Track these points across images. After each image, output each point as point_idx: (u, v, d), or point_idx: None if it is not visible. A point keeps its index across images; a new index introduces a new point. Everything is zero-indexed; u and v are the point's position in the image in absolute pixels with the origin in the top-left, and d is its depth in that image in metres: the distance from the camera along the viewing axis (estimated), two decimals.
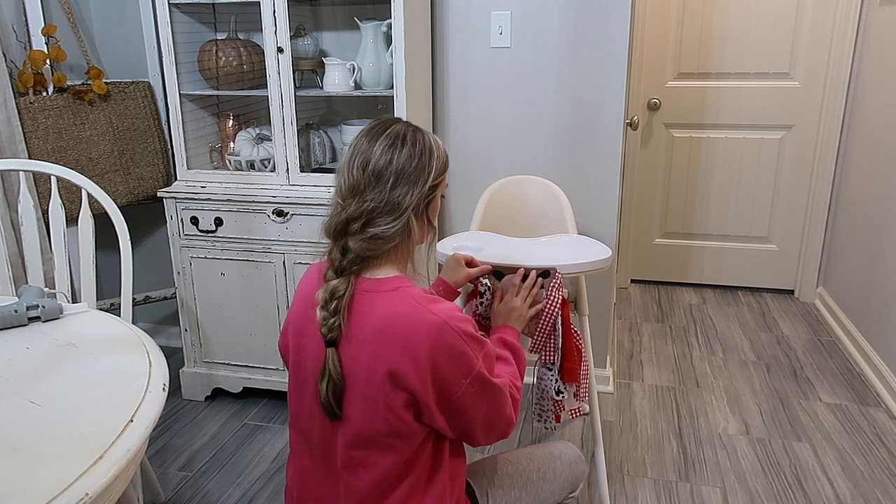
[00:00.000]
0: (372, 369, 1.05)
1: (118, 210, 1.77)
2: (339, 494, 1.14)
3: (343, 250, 1.09)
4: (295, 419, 1.20)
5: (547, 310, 1.57)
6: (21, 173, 1.79)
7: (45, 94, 2.26)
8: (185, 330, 2.37)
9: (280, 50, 2.07)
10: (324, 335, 1.07)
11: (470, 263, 1.57)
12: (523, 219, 2.09)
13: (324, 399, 1.08)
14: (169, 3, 2.12)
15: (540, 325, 1.59)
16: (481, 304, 1.60)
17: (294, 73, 2.11)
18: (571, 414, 2.38)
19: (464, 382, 1.06)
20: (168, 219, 2.27)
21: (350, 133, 2.20)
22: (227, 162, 2.33)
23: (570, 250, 1.75)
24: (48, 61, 2.25)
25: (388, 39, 2.09)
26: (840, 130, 3.15)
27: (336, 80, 2.14)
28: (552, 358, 1.60)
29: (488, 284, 1.58)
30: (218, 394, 2.47)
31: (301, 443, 1.20)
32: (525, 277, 1.51)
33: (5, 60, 2.15)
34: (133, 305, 2.06)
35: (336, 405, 1.08)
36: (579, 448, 2.16)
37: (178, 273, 2.31)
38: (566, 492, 1.43)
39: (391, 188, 1.09)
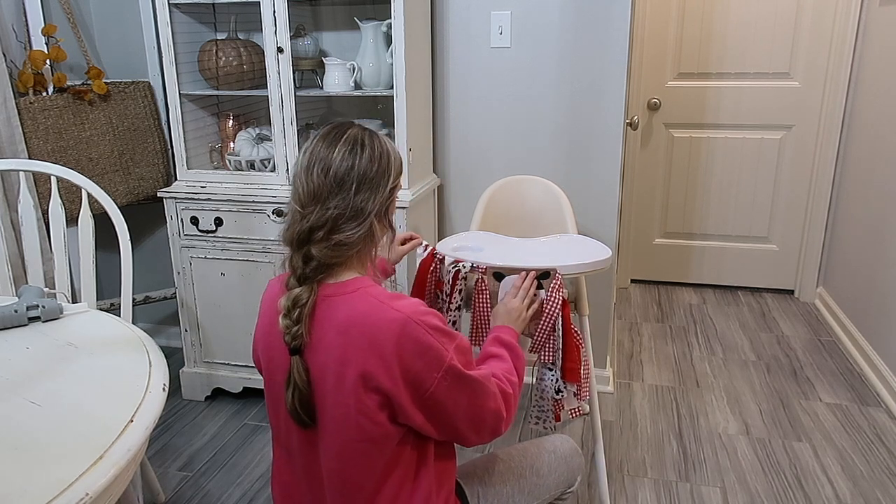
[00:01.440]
0: (341, 374, 1.04)
1: (118, 210, 1.77)
2: None
3: (306, 258, 1.07)
4: (276, 433, 1.19)
5: (547, 310, 1.58)
6: (21, 173, 1.79)
7: (45, 94, 2.26)
8: (185, 330, 2.37)
9: (280, 50, 2.07)
10: (287, 343, 1.06)
11: (405, 241, 1.64)
12: (523, 219, 2.09)
13: (290, 407, 1.07)
14: (169, 3, 2.12)
15: (540, 326, 1.59)
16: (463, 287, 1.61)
17: (294, 73, 2.11)
18: (571, 413, 2.37)
19: (435, 376, 1.05)
20: (168, 219, 2.27)
21: None
22: (227, 162, 2.33)
23: (570, 250, 1.75)
24: (48, 61, 2.25)
25: (388, 39, 2.10)
26: (840, 130, 3.15)
27: (336, 80, 2.14)
28: (552, 358, 1.60)
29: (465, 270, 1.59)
30: (218, 394, 2.47)
31: (284, 458, 1.19)
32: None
33: (5, 60, 2.15)
34: (133, 305, 2.06)
35: (304, 412, 1.07)
36: (579, 448, 2.17)
37: (178, 273, 2.31)
38: (562, 487, 1.42)
39: (354, 194, 1.07)
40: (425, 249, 1.73)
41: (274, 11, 2.04)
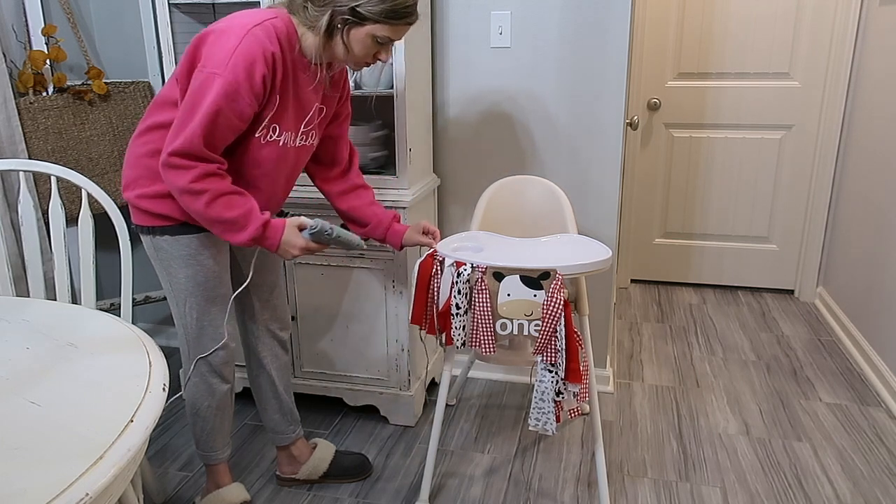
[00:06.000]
0: None
1: (118, 210, 1.77)
2: None
3: None
4: None
5: (549, 311, 1.58)
6: (21, 173, 1.79)
7: (45, 94, 2.26)
8: None
9: None
10: None
11: (425, 232, 1.80)
12: (523, 219, 2.09)
13: None
14: (169, 3, 2.12)
15: (542, 327, 1.59)
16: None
17: None
18: (570, 414, 2.38)
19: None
20: None
21: (350, 133, 2.19)
22: None
23: (570, 251, 1.75)
24: (48, 61, 2.25)
25: None
26: (840, 130, 3.15)
27: None
28: (554, 359, 1.60)
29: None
30: None
31: None
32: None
33: (5, 60, 2.15)
34: (133, 305, 2.06)
35: None
36: (579, 448, 2.17)
37: None
38: None
39: None
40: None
41: None
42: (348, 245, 1.60)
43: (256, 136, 1.50)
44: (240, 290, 1.69)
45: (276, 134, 1.53)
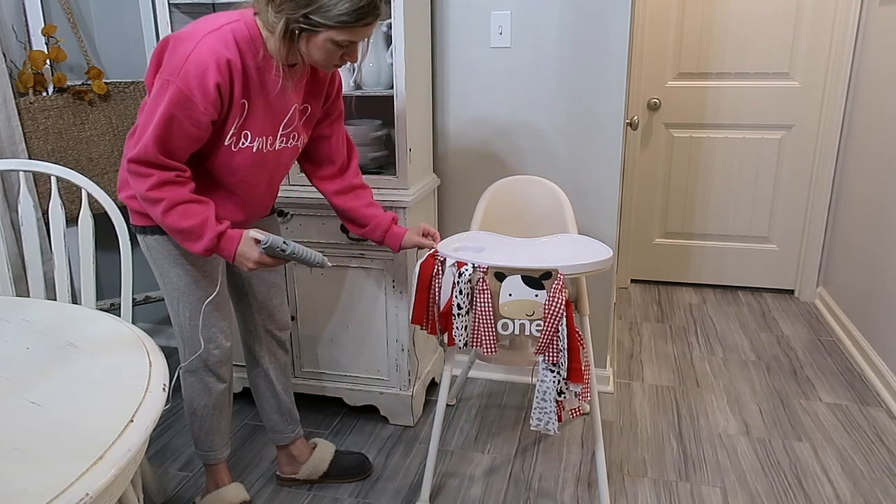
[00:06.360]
0: None
1: (118, 210, 1.77)
2: None
3: None
4: None
5: (550, 311, 1.58)
6: (21, 173, 1.79)
7: (45, 94, 2.26)
8: None
9: None
10: None
11: (425, 234, 1.79)
12: (524, 219, 2.09)
13: None
14: (169, 3, 2.12)
15: (544, 327, 1.59)
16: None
17: None
18: (572, 413, 2.38)
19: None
20: None
21: (350, 133, 2.19)
22: None
23: (571, 251, 1.75)
24: (48, 61, 2.25)
25: (388, 39, 2.09)
26: (840, 130, 3.15)
27: None
28: (556, 359, 1.60)
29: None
30: None
31: None
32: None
33: (5, 60, 2.15)
34: (133, 305, 2.06)
35: None
36: (579, 448, 2.17)
37: None
38: None
39: None
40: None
41: None
42: (308, 263, 1.56)
43: (226, 144, 1.49)
44: (210, 298, 1.66)
45: (249, 140, 1.51)
